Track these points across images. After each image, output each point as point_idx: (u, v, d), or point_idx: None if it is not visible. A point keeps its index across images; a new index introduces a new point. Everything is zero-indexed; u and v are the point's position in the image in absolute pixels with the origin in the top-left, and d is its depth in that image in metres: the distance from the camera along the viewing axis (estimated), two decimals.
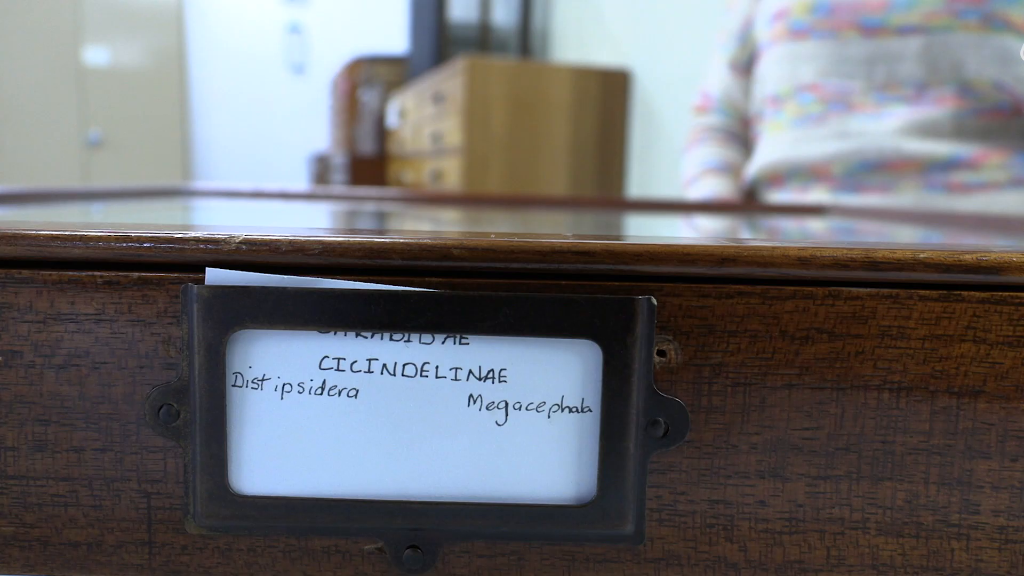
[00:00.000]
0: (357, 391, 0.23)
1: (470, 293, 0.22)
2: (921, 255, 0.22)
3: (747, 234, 0.56)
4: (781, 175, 1.17)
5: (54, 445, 0.24)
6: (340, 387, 0.23)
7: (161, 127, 3.28)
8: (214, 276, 0.22)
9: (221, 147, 3.51)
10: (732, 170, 1.29)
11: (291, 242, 0.22)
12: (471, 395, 0.23)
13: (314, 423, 0.23)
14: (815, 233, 0.55)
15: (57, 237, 0.22)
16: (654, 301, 0.22)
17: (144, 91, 3.20)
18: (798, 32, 1.17)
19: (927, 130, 1.06)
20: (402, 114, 2.57)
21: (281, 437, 0.23)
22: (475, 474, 0.23)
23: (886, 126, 1.07)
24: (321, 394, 0.23)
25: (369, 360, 0.23)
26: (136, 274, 0.22)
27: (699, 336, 0.23)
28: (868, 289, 0.23)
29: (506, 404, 0.23)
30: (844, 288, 0.23)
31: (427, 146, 2.28)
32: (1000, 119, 1.05)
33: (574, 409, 0.23)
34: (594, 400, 0.23)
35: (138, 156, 3.20)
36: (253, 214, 0.69)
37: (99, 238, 0.22)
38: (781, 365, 0.23)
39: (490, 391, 0.23)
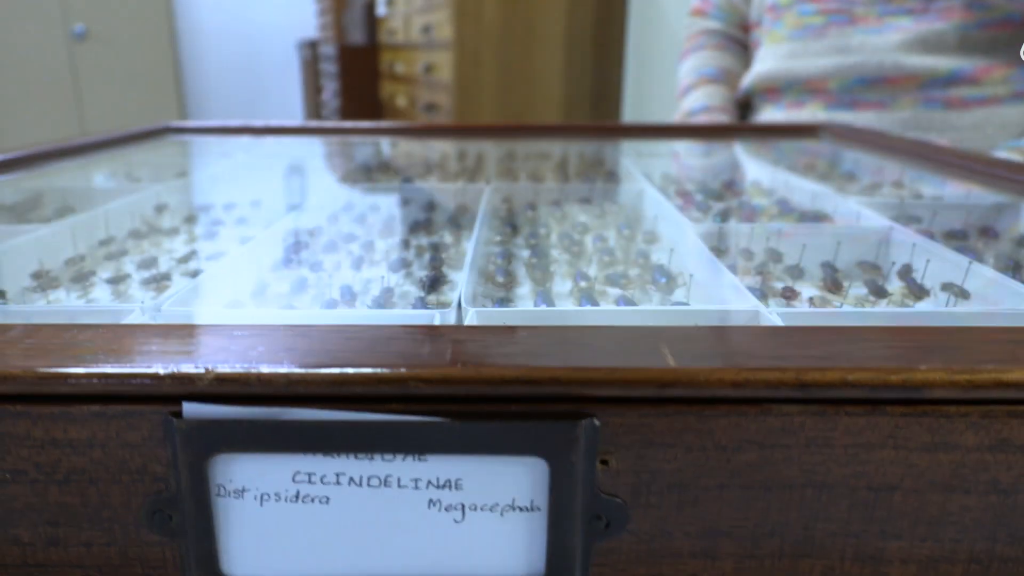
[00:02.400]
0: (328, 498, 0.25)
1: (426, 420, 0.24)
2: (850, 377, 0.24)
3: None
4: (777, 87, 1.15)
5: (65, 541, 0.26)
6: (312, 496, 0.25)
7: (146, 16, 3.13)
8: (191, 411, 0.24)
9: (208, 34, 3.38)
10: (728, 78, 1.26)
11: (258, 377, 0.24)
12: (431, 499, 0.25)
13: (292, 526, 0.26)
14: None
15: (43, 377, 0.24)
16: (596, 423, 0.24)
17: None
18: None
19: (930, 44, 1.02)
20: (390, 2, 2.46)
21: (264, 536, 0.26)
22: (438, 563, 0.26)
23: (888, 40, 1.03)
24: (296, 502, 0.25)
25: (337, 474, 0.25)
26: (120, 407, 0.24)
27: (639, 448, 0.25)
28: (798, 406, 0.25)
29: (463, 506, 0.25)
30: (775, 405, 0.25)
31: (419, 37, 2.20)
32: (1009, 31, 1.02)
33: (524, 508, 0.26)
34: (542, 501, 0.25)
35: (125, 48, 3.08)
36: (243, 185, 0.69)
37: (82, 376, 0.24)
38: (714, 470, 0.25)
39: (448, 496, 0.25)
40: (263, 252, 0.52)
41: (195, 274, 0.50)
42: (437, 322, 0.36)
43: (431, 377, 0.24)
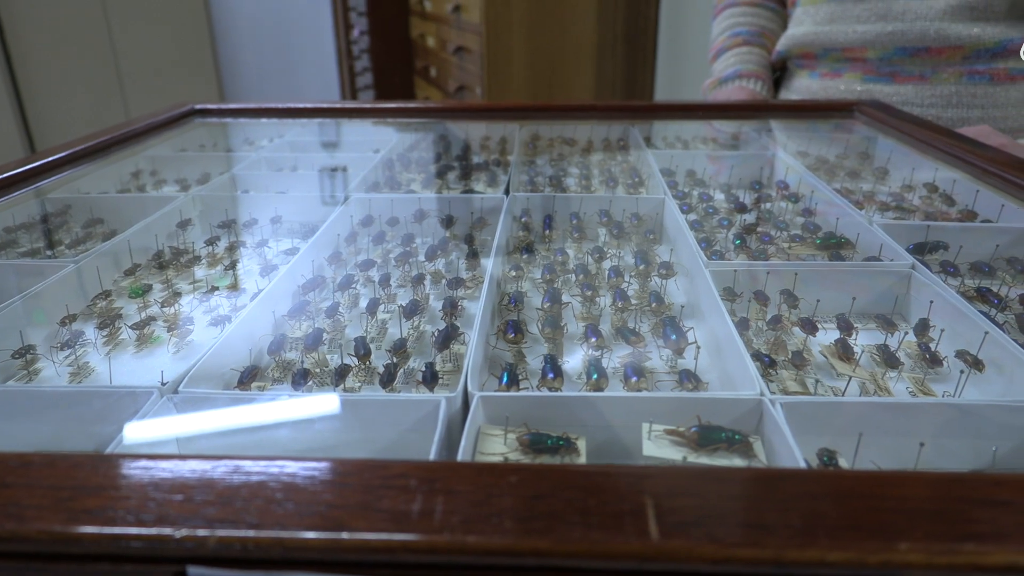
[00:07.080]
0: None
1: None
2: (828, 557, 0.25)
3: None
4: (812, 53, 1.10)
5: None
6: None
7: None
8: (196, 574, 0.26)
9: None
10: (764, 37, 1.21)
11: (257, 544, 0.25)
12: None
13: None
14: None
15: (56, 539, 0.26)
16: None
17: None
18: None
19: (978, 11, 0.96)
20: None
21: None
22: None
23: (932, 6, 0.97)
24: None
25: None
26: (129, 566, 0.26)
27: None
28: None
29: None
30: None
31: None
32: None
33: None
34: None
35: None
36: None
37: (92, 537, 0.26)
38: None
39: None
40: (280, 294, 0.53)
41: (214, 315, 0.51)
42: (442, 411, 0.38)
43: (419, 547, 0.25)
